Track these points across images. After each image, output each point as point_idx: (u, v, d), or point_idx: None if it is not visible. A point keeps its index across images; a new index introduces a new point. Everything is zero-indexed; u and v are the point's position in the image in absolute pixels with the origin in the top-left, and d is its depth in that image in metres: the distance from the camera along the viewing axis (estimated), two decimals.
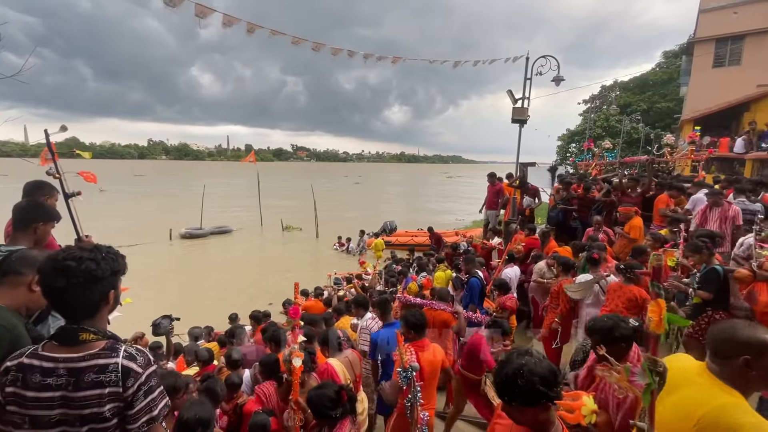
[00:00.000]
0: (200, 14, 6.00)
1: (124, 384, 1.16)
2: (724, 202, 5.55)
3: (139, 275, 13.06)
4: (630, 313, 3.83)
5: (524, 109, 8.60)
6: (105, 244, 1.34)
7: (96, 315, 1.22)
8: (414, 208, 35.64)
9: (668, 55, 34.50)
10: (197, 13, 5.95)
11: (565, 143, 37.47)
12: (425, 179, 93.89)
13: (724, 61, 16.51)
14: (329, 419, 2.21)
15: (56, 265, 1.14)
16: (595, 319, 2.13)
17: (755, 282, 3.70)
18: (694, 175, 10.59)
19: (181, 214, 25.32)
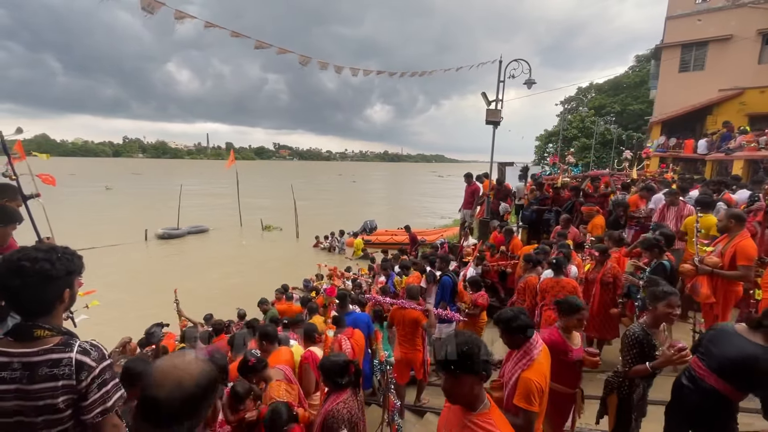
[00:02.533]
0: (179, 19, 5.95)
1: (77, 377, 1.23)
2: (680, 201, 5.89)
3: (111, 277, 12.77)
4: None
5: (497, 111, 8.83)
6: (63, 245, 1.40)
7: (51, 313, 1.28)
8: (410, 207, 35.96)
9: (640, 59, 35.74)
10: (176, 17, 5.89)
11: (543, 143, 38.37)
12: (415, 178, 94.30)
13: (689, 66, 17.28)
14: (335, 386, 2.46)
15: (11, 266, 1.20)
16: (501, 311, 2.39)
17: (697, 276, 3.99)
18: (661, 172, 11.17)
19: (157, 214, 24.77)
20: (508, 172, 11.92)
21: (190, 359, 0.94)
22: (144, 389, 0.88)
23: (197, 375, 0.91)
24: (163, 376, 0.88)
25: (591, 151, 28.47)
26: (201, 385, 0.91)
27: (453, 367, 1.49)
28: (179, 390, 0.88)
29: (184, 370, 0.90)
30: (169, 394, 0.87)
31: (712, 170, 12.23)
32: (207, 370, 0.94)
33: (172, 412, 0.88)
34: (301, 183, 53.04)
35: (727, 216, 3.95)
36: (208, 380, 0.93)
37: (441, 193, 46.90)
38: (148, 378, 0.88)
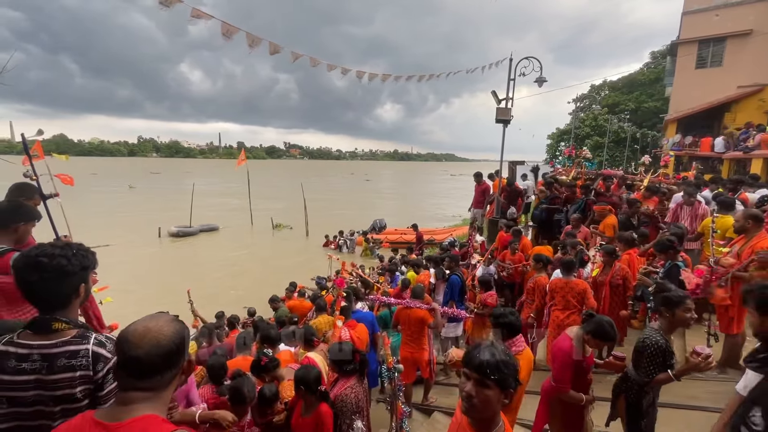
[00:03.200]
0: (195, 17, 6.00)
1: (94, 368, 1.28)
2: (695, 201, 5.77)
3: (124, 274, 13.04)
4: (581, 305, 4.13)
5: (508, 109, 8.76)
6: (79, 242, 1.45)
7: (68, 307, 1.33)
8: (420, 206, 35.98)
9: (656, 56, 35.02)
10: (193, 15, 5.96)
11: (555, 142, 37.91)
12: (427, 177, 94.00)
13: (706, 62, 16.88)
14: (342, 372, 2.65)
15: (29, 261, 1.25)
16: (499, 313, 2.57)
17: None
18: None
19: (171, 212, 25.18)
20: (519, 171, 11.83)
21: (162, 321, 1.06)
22: (123, 351, 1.00)
23: (171, 334, 1.04)
24: (140, 337, 1.00)
25: (604, 150, 28.02)
26: (175, 342, 1.04)
27: (489, 372, 1.37)
28: (157, 348, 1.00)
29: (159, 330, 1.02)
30: (149, 352, 0.99)
31: (729, 169, 11.94)
32: (179, 329, 1.07)
33: (153, 367, 1.01)
34: (313, 182, 53.33)
35: (744, 216, 3.86)
36: (180, 337, 1.06)
37: (451, 192, 46.67)
38: (124, 339, 1.00)
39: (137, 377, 1.00)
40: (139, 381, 1.00)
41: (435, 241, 15.79)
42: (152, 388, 1.02)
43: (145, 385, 1.01)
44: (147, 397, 1.02)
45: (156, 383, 1.03)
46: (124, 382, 1.02)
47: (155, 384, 1.03)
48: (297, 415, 2.56)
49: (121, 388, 1.04)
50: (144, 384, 1.01)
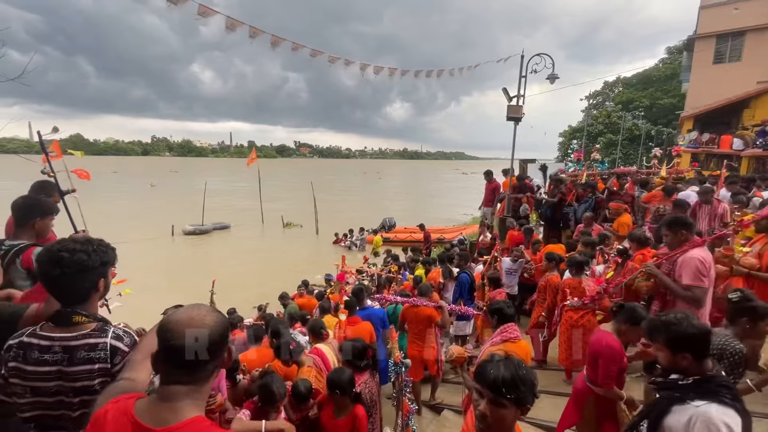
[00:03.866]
0: (202, 14, 6.09)
1: (112, 361, 1.32)
2: (714, 199, 5.65)
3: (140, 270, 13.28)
4: None
5: (519, 107, 8.67)
6: (97, 237, 1.48)
7: (87, 300, 1.37)
8: (430, 204, 35.92)
9: (671, 51, 34.30)
10: (199, 12, 6.04)
11: (567, 140, 37.41)
12: (438, 176, 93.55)
13: (725, 57, 16.44)
14: (355, 368, 2.65)
15: (51, 256, 1.29)
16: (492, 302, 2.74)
17: (732, 277, 3.82)
18: None
19: (184, 210, 25.54)
20: (530, 169, 11.71)
21: (204, 310, 1.04)
22: (166, 339, 0.97)
23: (213, 323, 1.02)
24: (184, 326, 0.98)
25: (617, 148, 27.55)
26: (219, 331, 1.02)
27: (505, 391, 1.28)
28: (201, 338, 0.98)
29: (202, 321, 1.00)
30: (190, 343, 0.97)
31: (748, 167, 11.63)
32: (221, 318, 1.05)
33: (196, 357, 0.98)
34: (323, 181, 53.52)
35: (765, 215, 3.76)
36: (224, 327, 1.04)
37: (462, 190, 46.39)
38: (166, 328, 0.98)
39: (180, 368, 0.97)
40: (182, 373, 0.98)
41: (445, 239, 15.73)
42: (195, 380, 1.00)
43: (188, 377, 0.99)
44: (189, 391, 0.98)
45: (199, 375, 1.00)
46: (166, 375, 0.99)
47: (198, 376, 1.00)
48: (329, 415, 2.54)
49: (162, 381, 1.00)
50: (187, 377, 0.99)
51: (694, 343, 1.52)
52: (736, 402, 1.43)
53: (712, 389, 1.44)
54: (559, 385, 4.25)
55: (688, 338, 1.52)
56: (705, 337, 1.54)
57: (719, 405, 1.39)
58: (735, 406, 1.41)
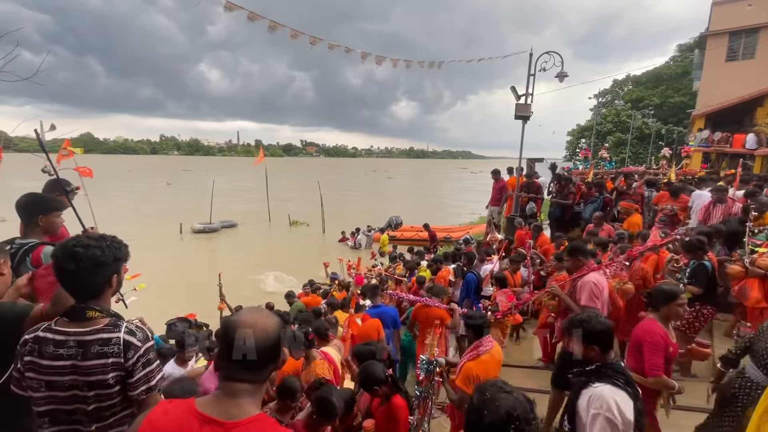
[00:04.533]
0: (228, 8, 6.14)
1: (125, 355, 1.33)
2: (728, 198, 5.56)
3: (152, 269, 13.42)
4: None
5: (527, 105, 8.60)
6: (110, 234, 1.50)
7: (101, 296, 1.39)
8: (437, 203, 35.86)
9: (683, 49, 33.78)
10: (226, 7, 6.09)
11: (575, 138, 37.06)
12: (446, 175, 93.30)
13: (738, 54, 16.17)
14: None
15: (67, 252, 1.31)
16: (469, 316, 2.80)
17: (747, 278, 3.75)
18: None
19: (193, 208, 25.76)
20: (538, 168, 11.60)
21: (265, 314, 1.08)
22: (234, 340, 0.99)
23: (275, 327, 1.05)
24: (250, 330, 1.00)
25: (627, 147, 27.23)
26: (279, 335, 1.06)
27: None
28: (265, 341, 1.01)
29: (265, 323, 1.03)
30: (259, 344, 1.00)
31: (762, 166, 11.43)
32: (280, 323, 1.08)
33: (261, 357, 1.01)
34: (330, 180, 53.61)
35: None
36: (282, 330, 1.08)
37: (469, 189, 46.22)
38: (233, 330, 1.00)
39: (246, 369, 1.00)
40: (246, 372, 1.01)
41: (451, 238, 15.68)
42: (256, 380, 1.03)
43: (250, 377, 1.02)
44: (251, 390, 1.02)
45: (259, 375, 1.04)
46: (231, 372, 1.02)
47: (259, 376, 1.04)
48: (377, 403, 2.61)
49: (225, 377, 1.03)
50: (250, 376, 1.02)
51: (600, 337, 1.78)
52: (628, 386, 1.67)
53: (609, 374, 1.70)
54: None
55: (596, 333, 1.79)
56: (609, 333, 1.82)
57: (612, 386, 1.64)
58: (626, 389, 1.65)
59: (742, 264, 3.79)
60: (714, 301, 3.72)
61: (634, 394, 1.67)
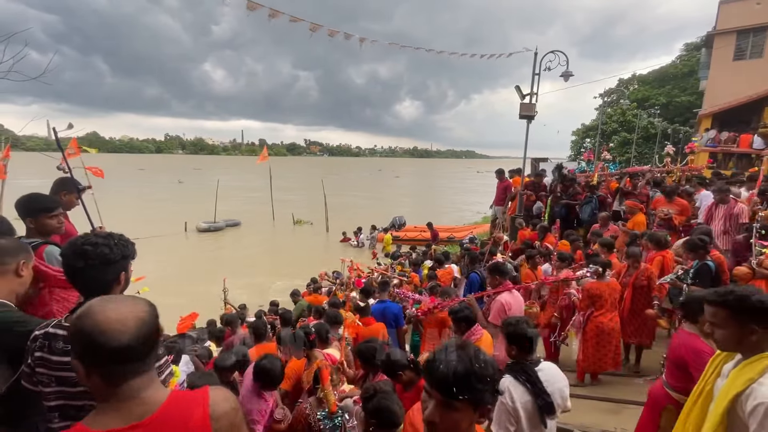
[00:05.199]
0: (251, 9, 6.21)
1: None
2: (730, 199, 5.52)
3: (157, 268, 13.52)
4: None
5: (532, 104, 8.58)
6: (118, 232, 1.52)
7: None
8: (441, 203, 35.84)
9: (690, 47, 33.45)
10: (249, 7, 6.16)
11: (580, 138, 36.84)
12: (450, 174, 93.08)
13: (745, 53, 16.01)
14: (373, 366, 2.67)
15: (75, 249, 1.33)
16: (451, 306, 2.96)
17: (754, 279, 3.72)
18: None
19: (197, 207, 25.89)
20: (542, 168, 11.57)
21: (129, 301, 0.98)
22: (107, 342, 0.88)
23: (146, 309, 0.96)
24: (123, 323, 0.90)
25: (632, 147, 27.04)
26: (155, 311, 0.98)
27: (456, 391, 1.03)
28: (144, 323, 0.93)
29: (133, 307, 0.94)
30: (139, 332, 0.91)
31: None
32: (148, 303, 0.99)
33: (148, 345, 0.94)
34: (334, 179, 53.71)
35: None
36: (155, 316, 0.98)
37: (475, 189, 46.11)
38: (99, 332, 0.88)
39: (135, 361, 0.92)
40: (136, 366, 0.93)
41: (455, 238, 15.67)
42: (148, 369, 0.96)
43: (143, 368, 0.95)
44: (148, 379, 0.96)
45: (150, 362, 0.97)
46: (118, 376, 0.92)
47: (150, 364, 0.97)
48: (399, 389, 2.59)
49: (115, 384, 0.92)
50: (142, 367, 0.94)
51: (520, 339, 2.04)
52: (528, 383, 1.93)
53: (516, 369, 1.98)
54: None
55: (517, 336, 2.04)
56: (529, 338, 2.04)
57: (513, 379, 1.94)
58: (525, 384, 1.92)
59: (749, 265, 3.76)
60: None
61: (534, 391, 1.92)
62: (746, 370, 1.49)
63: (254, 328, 4.14)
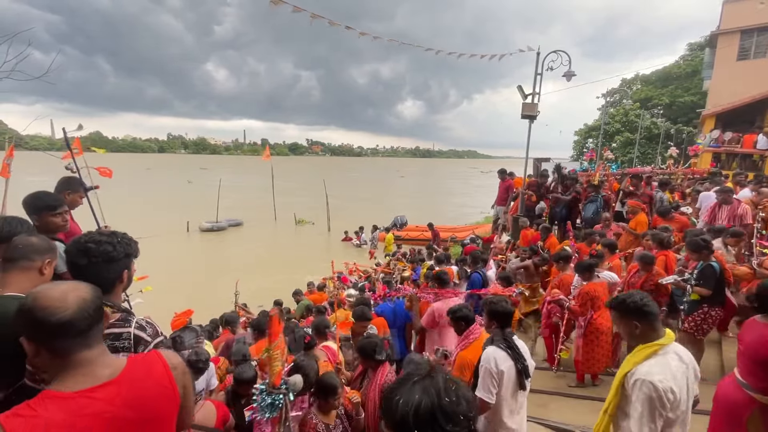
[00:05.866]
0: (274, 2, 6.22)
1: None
2: (734, 199, 5.50)
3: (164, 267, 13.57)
4: None
5: (534, 104, 8.55)
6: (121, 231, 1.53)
7: (112, 291, 1.41)
8: (444, 203, 35.82)
9: (693, 47, 33.31)
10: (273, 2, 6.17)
11: (582, 138, 36.75)
12: (456, 174, 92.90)
13: (750, 53, 15.93)
14: (374, 362, 2.67)
15: (79, 247, 1.35)
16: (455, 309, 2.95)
17: (755, 280, 3.71)
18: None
19: (198, 206, 25.95)
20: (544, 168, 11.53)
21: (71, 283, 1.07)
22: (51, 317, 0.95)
23: (88, 288, 1.05)
24: (63, 301, 0.97)
25: (635, 147, 26.96)
26: (98, 292, 1.07)
27: None
28: (85, 302, 1.01)
29: (76, 288, 1.03)
30: (81, 310, 0.99)
31: None
32: (93, 291, 1.07)
33: (90, 321, 1.01)
34: (336, 179, 53.70)
35: None
36: (98, 297, 1.07)
37: (478, 188, 46.06)
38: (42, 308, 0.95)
39: (78, 336, 0.98)
40: (88, 339, 1.00)
41: (456, 238, 15.63)
42: (95, 344, 1.03)
43: (89, 341, 1.01)
44: (103, 351, 1.05)
45: (99, 335, 1.05)
46: (68, 348, 0.98)
47: (99, 337, 1.05)
48: None
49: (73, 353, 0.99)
50: (87, 341, 1.01)
51: (500, 316, 2.38)
52: (509, 349, 2.25)
53: (498, 340, 2.30)
54: (568, 388, 4.26)
55: (498, 313, 2.38)
56: (507, 314, 2.39)
57: (496, 348, 2.26)
58: (506, 351, 2.24)
59: (750, 266, 3.75)
60: (723, 303, 3.68)
61: (514, 356, 2.25)
62: (634, 356, 1.87)
63: (256, 324, 4.15)
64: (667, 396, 1.69)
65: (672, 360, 1.80)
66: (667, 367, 1.76)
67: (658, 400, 1.69)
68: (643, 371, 1.76)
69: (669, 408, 1.71)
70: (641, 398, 1.72)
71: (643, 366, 1.78)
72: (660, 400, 1.69)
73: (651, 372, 1.74)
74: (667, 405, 1.70)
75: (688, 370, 1.84)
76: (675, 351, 1.85)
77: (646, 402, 1.70)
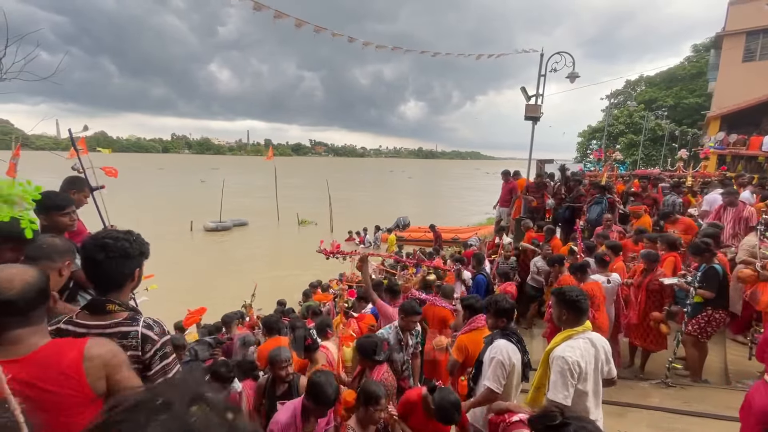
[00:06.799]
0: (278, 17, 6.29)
1: (143, 348, 1.38)
2: (739, 202, 5.48)
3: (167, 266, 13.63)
4: None
5: (537, 106, 8.55)
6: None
7: (122, 289, 1.44)
8: (445, 204, 35.78)
9: (698, 49, 33.11)
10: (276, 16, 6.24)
11: (586, 140, 36.60)
12: (460, 175, 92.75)
13: (755, 55, 15.83)
14: (372, 362, 2.72)
15: (97, 242, 1.38)
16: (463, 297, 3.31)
17: (758, 282, 3.69)
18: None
19: (202, 206, 26.05)
20: (547, 169, 11.51)
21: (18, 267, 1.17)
22: None
23: (34, 273, 1.16)
24: (9, 282, 1.10)
25: (639, 148, 26.83)
26: (43, 278, 1.17)
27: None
28: (29, 285, 1.12)
29: (23, 272, 1.14)
30: (23, 292, 1.10)
31: None
32: (40, 275, 1.18)
33: (30, 303, 1.12)
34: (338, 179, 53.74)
35: None
36: (43, 274, 1.19)
37: (482, 189, 45.99)
38: None
39: (17, 315, 1.10)
40: (20, 319, 1.11)
41: (459, 239, 15.63)
42: (33, 322, 1.14)
43: (26, 322, 1.12)
44: (32, 331, 1.14)
45: (36, 318, 1.14)
46: (5, 324, 1.10)
47: (36, 318, 1.14)
48: None
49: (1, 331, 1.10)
50: (25, 321, 1.12)
51: (506, 312, 2.57)
52: (519, 343, 2.51)
53: (507, 334, 2.52)
54: None
55: (503, 310, 2.57)
56: (512, 311, 2.60)
57: (506, 341, 2.46)
58: (517, 345, 2.48)
59: (754, 268, 3.73)
60: (726, 306, 3.66)
61: (523, 349, 2.51)
62: (559, 338, 2.25)
63: (265, 323, 4.16)
64: (574, 368, 2.07)
65: (583, 343, 2.18)
66: (577, 348, 2.15)
67: (569, 372, 2.06)
68: (559, 350, 2.16)
69: (576, 377, 2.08)
70: (556, 370, 2.11)
71: (560, 347, 2.18)
72: (570, 371, 2.06)
73: (564, 350, 2.14)
74: (575, 375, 2.07)
75: (598, 352, 2.21)
76: (588, 337, 2.22)
77: (559, 373, 2.09)
